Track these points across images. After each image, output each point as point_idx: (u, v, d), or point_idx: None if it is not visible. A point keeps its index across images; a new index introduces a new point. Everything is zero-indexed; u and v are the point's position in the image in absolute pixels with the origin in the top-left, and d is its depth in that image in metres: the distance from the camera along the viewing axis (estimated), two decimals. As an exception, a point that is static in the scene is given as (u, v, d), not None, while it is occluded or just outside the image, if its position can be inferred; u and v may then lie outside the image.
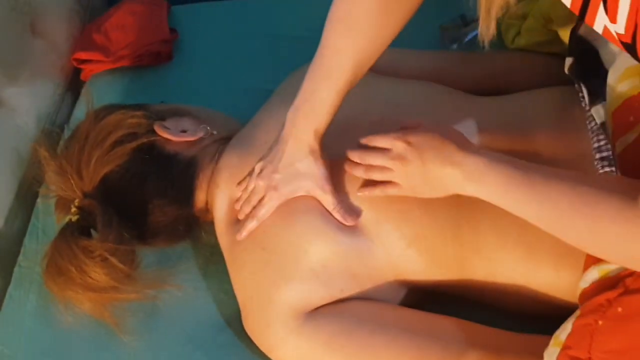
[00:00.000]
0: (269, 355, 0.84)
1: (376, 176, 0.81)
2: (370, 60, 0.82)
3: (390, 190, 0.81)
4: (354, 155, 0.82)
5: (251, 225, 0.85)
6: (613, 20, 0.58)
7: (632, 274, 0.68)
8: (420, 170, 0.76)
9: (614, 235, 0.64)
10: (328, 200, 0.84)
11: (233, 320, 0.93)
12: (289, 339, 0.82)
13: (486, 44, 0.68)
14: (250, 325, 0.86)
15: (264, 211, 0.85)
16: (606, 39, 0.63)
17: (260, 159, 0.87)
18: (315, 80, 0.82)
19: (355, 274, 0.84)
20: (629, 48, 0.59)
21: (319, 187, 0.83)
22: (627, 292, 0.67)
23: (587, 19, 0.62)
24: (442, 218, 0.83)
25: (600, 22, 0.62)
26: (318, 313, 0.82)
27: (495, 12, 0.66)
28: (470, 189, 0.74)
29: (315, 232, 0.83)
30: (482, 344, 0.80)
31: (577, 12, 0.63)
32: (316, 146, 0.83)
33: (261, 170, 0.86)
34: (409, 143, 0.77)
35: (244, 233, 0.86)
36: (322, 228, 0.83)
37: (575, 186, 0.67)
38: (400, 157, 0.77)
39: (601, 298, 0.69)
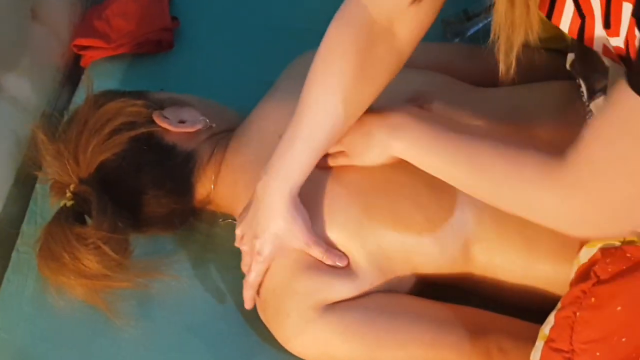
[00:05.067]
0: (286, 346, 0.84)
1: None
2: (349, 121, 0.81)
3: (340, 160, 0.85)
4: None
5: (249, 294, 0.86)
6: (615, 33, 0.59)
7: (596, 261, 0.70)
8: (360, 132, 0.82)
9: (536, 190, 0.68)
10: (315, 252, 0.83)
11: (231, 308, 0.93)
12: (308, 329, 0.82)
13: (507, 84, 0.69)
14: (269, 316, 0.86)
15: (254, 276, 0.85)
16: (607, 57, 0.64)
17: (239, 222, 0.87)
18: (290, 139, 0.80)
19: (381, 267, 0.84)
20: (624, 60, 0.60)
21: (304, 243, 0.82)
22: (599, 282, 0.69)
23: (586, 41, 0.63)
24: (448, 203, 0.83)
25: (599, 42, 0.62)
26: (338, 304, 0.82)
27: (515, 54, 0.66)
28: (396, 145, 0.80)
29: (339, 225, 0.84)
30: (500, 329, 0.81)
31: (575, 36, 0.64)
32: (291, 204, 0.81)
33: (243, 236, 0.86)
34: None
35: (247, 305, 0.87)
36: (345, 223, 0.84)
37: (500, 145, 0.73)
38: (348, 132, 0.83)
39: (577, 290, 0.70)
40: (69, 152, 0.90)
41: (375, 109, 0.83)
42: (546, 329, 0.72)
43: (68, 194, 0.90)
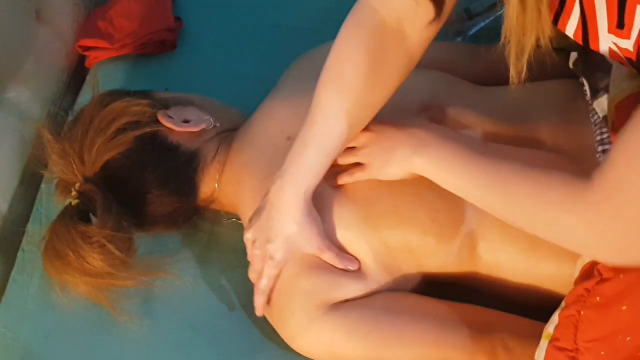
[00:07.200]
0: (291, 345, 0.85)
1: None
2: (360, 124, 0.82)
3: (357, 175, 0.84)
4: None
5: (260, 301, 0.85)
6: (626, 36, 0.58)
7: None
8: (380, 146, 0.81)
9: (561, 212, 0.65)
10: (328, 257, 0.83)
11: (234, 307, 0.94)
12: (312, 327, 0.82)
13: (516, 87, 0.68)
14: (274, 315, 0.86)
15: (265, 282, 0.84)
16: (614, 60, 0.63)
17: (250, 226, 0.85)
18: (303, 143, 0.81)
19: (388, 267, 0.84)
20: (634, 64, 0.59)
21: (317, 248, 0.83)
22: (602, 280, 0.69)
23: (591, 45, 0.63)
24: (453, 202, 0.83)
25: (605, 44, 0.62)
26: (343, 303, 0.83)
27: (526, 58, 0.65)
28: (419, 163, 0.78)
29: (346, 229, 0.84)
30: (505, 327, 0.82)
31: (580, 41, 0.64)
32: (305, 209, 0.82)
33: (254, 241, 0.85)
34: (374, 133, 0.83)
35: (258, 312, 0.86)
36: (351, 226, 0.84)
37: (525, 167, 0.70)
38: (366, 145, 0.83)
39: (581, 288, 0.70)
40: (74, 151, 0.90)
41: (396, 122, 0.83)
42: (550, 328, 0.73)
43: (73, 193, 0.90)
